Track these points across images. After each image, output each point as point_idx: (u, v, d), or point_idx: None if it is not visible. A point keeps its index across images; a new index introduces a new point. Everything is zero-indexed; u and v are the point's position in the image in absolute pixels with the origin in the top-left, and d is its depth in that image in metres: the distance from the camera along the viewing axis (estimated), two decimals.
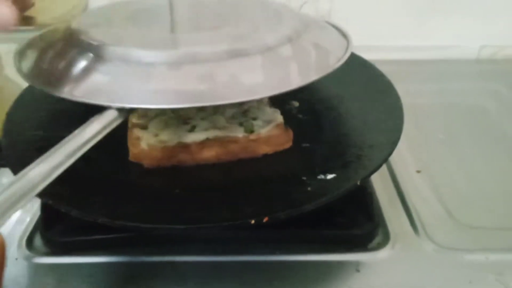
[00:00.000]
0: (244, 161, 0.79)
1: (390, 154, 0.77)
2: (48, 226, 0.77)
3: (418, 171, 0.95)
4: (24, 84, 1.11)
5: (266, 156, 0.80)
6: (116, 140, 0.87)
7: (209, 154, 0.83)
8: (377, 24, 1.38)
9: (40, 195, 0.70)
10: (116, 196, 0.73)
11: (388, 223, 0.81)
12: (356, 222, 0.78)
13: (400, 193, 0.89)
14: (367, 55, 1.16)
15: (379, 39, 1.38)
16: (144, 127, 0.89)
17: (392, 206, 0.86)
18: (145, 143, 0.81)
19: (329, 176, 0.75)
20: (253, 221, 0.65)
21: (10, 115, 0.90)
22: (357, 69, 1.08)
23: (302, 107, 1.01)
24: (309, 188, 0.72)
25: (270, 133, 0.85)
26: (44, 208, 0.70)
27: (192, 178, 0.80)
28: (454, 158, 0.85)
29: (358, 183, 0.71)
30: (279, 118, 0.91)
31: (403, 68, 1.27)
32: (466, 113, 1.03)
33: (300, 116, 0.98)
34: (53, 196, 0.62)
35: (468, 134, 0.96)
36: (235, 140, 0.84)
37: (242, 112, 0.93)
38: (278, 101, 1.01)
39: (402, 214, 0.84)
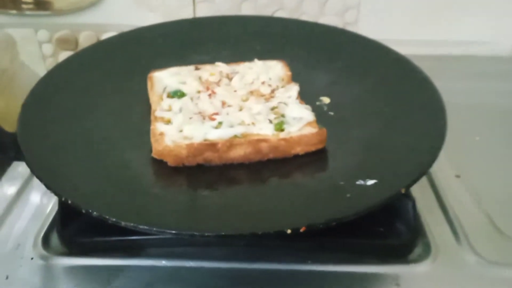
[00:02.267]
0: (274, 162, 0.72)
1: (434, 159, 0.70)
2: (66, 223, 0.70)
3: (458, 176, 0.88)
4: (41, 72, 1.05)
5: (297, 157, 0.72)
6: (139, 133, 0.80)
7: (237, 153, 0.76)
8: (406, 16, 1.30)
9: (58, 191, 0.64)
10: (140, 197, 0.66)
11: (429, 233, 0.74)
12: (394, 231, 0.71)
13: (440, 199, 0.81)
14: (398, 49, 1.08)
15: (409, 32, 1.29)
16: (168, 122, 0.82)
17: (432, 213, 0.78)
18: (169, 140, 0.75)
19: (370, 182, 0.68)
20: (289, 231, 0.58)
21: (26, 106, 0.84)
22: (391, 64, 1.00)
23: (334, 104, 0.94)
24: (348, 195, 0.65)
25: (302, 132, 0.78)
26: (61, 203, 0.63)
27: (220, 179, 0.73)
28: (492, 162, 0.78)
29: (403, 191, 0.64)
30: (311, 116, 0.84)
31: (432, 64, 1.18)
32: (500, 114, 0.96)
33: (332, 113, 0.90)
34: (73, 194, 0.56)
35: (504, 136, 0.88)
36: (264, 139, 0.77)
37: (271, 108, 0.86)
38: (307, 96, 0.94)
39: (443, 223, 0.77)
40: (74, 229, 0.66)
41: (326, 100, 0.95)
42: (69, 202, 0.61)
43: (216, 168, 0.71)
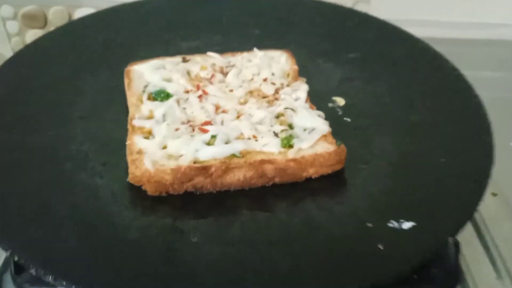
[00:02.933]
0: (280, 188, 0.56)
1: (484, 191, 0.55)
2: (20, 269, 0.56)
3: (494, 194, 0.74)
4: (6, 52, 0.90)
5: (309, 181, 0.56)
6: (112, 149, 0.65)
7: (234, 178, 0.61)
8: None
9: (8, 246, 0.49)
10: (105, 253, 0.51)
11: (468, 277, 0.60)
12: (430, 277, 0.56)
13: (479, 231, 0.67)
14: (417, 31, 0.91)
15: (429, 13, 1.13)
16: (148, 135, 0.66)
17: (471, 250, 0.64)
18: (149, 161, 0.59)
19: (406, 225, 0.53)
20: None
21: None
22: (417, 57, 0.84)
23: (349, 106, 0.78)
24: (380, 246, 0.50)
25: (315, 150, 0.62)
26: None
27: (213, 212, 0.58)
28: None
29: (450, 240, 0.49)
30: (325, 126, 0.68)
31: (459, 49, 1.01)
32: None
33: (348, 119, 0.75)
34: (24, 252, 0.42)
35: None
36: (269, 160, 0.61)
37: (276, 116, 0.70)
38: (318, 96, 0.77)
39: (484, 262, 0.63)
40: (30, 276, 0.51)
41: (340, 101, 0.79)
42: (21, 262, 0.47)
43: (208, 197, 0.56)
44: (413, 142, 0.68)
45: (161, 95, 0.74)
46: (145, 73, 0.78)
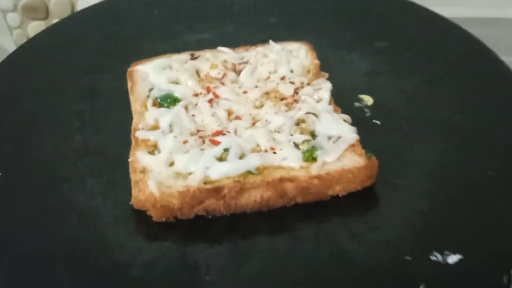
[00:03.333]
0: (303, 209, 0.47)
1: None
2: None
3: None
4: (9, 46, 0.85)
5: (336, 200, 0.47)
6: (113, 164, 0.58)
7: (251, 199, 0.54)
8: None
9: None
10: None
11: None
12: None
13: None
14: (450, 11, 0.82)
15: None
16: (153, 149, 0.58)
17: None
18: (154, 183, 0.51)
19: (451, 259, 0.45)
20: None
21: None
22: (457, 47, 0.75)
23: (379, 105, 0.69)
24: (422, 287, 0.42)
25: (342, 165, 0.55)
26: None
27: (228, 245, 0.51)
28: None
29: (505, 279, 0.41)
30: (353, 134, 0.59)
31: (494, 30, 0.91)
32: None
33: (378, 121, 0.66)
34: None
35: None
36: (290, 178, 0.54)
37: (296, 123, 0.62)
38: (342, 94, 0.69)
39: None
40: None
41: (368, 100, 0.71)
42: None
43: (221, 221, 0.49)
44: (456, 150, 0.59)
45: (168, 100, 0.66)
46: (149, 75, 0.70)
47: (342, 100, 0.68)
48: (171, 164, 0.57)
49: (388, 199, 0.55)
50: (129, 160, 0.58)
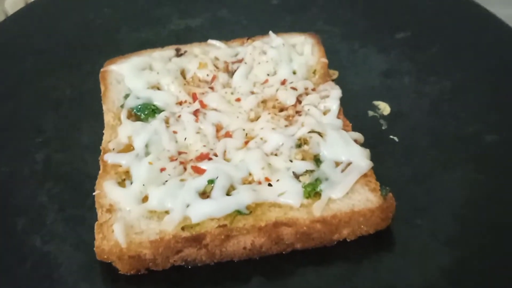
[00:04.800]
0: (303, 256, 0.38)
1: None
2: None
3: None
4: None
5: (344, 246, 0.48)
6: (77, 197, 0.49)
7: (239, 245, 0.45)
8: None
9: None
10: None
11: None
12: None
13: None
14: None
15: None
16: (124, 177, 0.49)
17: None
18: (120, 231, 0.43)
19: None
20: None
21: None
22: (491, 40, 0.64)
23: (397, 115, 0.60)
24: None
25: (352, 203, 0.45)
26: None
27: None
28: None
29: None
30: (365, 161, 0.49)
31: None
32: None
33: (395, 138, 0.57)
34: None
35: None
36: (287, 222, 0.44)
37: (297, 145, 0.51)
38: (354, 100, 0.59)
39: None
40: None
41: (384, 107, 0.61)
42: None
43: (203, 272, 0.42)
44: (489, 183, 0.49)
45: (145, 112, 0.56)
46: (125, 77, 0.60)
47: (353, 107, 0.58)
48: (144, 199, 0.48)
49: (405, 248, 0.46)
50: (94, 193, 0.48)
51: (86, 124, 0.59)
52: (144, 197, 0.48)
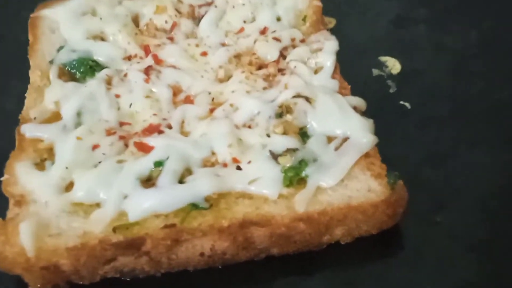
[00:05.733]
0: (280, 262, 0.26)
1: None
2: None
3: None
4: None
5: (335, 250, 0.37)
6: None
7: (193, 251, 0.33)
8: None
9: None
10: None
11: None
12: None
13: None
14: None
15: None
16: (44, 158, 0.37)
17: None
18: (28, 232, 0.31)
19: None
20: None
21: None
22: None
23: (410, 75, 0.47)
24: None
25: (347, 196, 0.33)
26: None
27: None
28: None
29: None
30: (367, 136, 0.38)
31: None
32: None
33: (406, 104, 0.46)
34: None
35: None
36: (260, 220, 0.33)
37: (278, 113, 0.39)
38: (355, 54, 0.46)
39: None
40: None
41: (393, 65, 0.51)
42: None
43: (147, 285, 0.27)
44: None
45: (81, 68, 0.44)
46: (61, 24, 0.48)
47: (354, 64, 0.49)
48: (69, 187, 0.36)
49: (418, 254, 0.37)
50: (2, 179, 0.36)
51: (8, 85, 0.47)
52: (68, 184, 0.36)
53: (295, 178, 0.37)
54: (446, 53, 0.49)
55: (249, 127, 0.41)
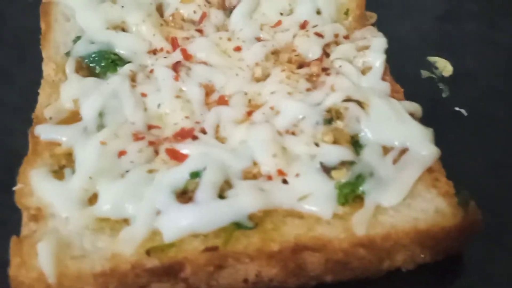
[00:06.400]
0: None
1: None
2: None
3: None
4: None
5: (396, 278, 0.33)
6: None
7: (237, 277, 0.30)
8: None
9: None
10: None
11: None
12: None
13: None
14: None
15: None
16: (62, 165, 0.33)
17: None
18: (48, 255, 0.28)
19: None
20: None
21: None
22: None
23: (463, 77, 0.43)
24: None
25: (412, 217, 0.29)
26: None
27: None
28: None
29: None
30: (429, 146, 0.34)
31: None
32: None
33: (462, 110, 0.42)
34: None
35: None
36: (314, 246, 0.29)
37: (326, 119, 0.35)
38: (401, 53, 0.42)
39: None
40: None
41: (444, 66, 0.47)
42: None
43: None
44: None
45: (102, 62, 0.40)
46: (77, 11, 0.43)
47: (400, 64, 0.44)
48: (92, 200, 0.31)
49: (485, 283, 0.32)
50: (14, 188, 0.32)
51: (18, 78, 0.43)
52: (91, 196, 0.32)
53: (351, 195, 0.33)
54: (501, 52, 0.45)
55: (293, 133, 0.37)
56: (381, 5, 0.49)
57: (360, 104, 0.37)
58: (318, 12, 0.46)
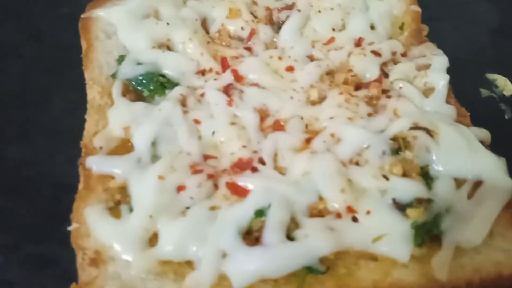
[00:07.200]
0: None
1: None
2: None
3: None
4: None
5: None
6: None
7: None
8: None
9: None
10: None
11: None
12: None
13: None
14: None
15: None
16: (117, 201, 0.31)
17: None
18: None
19: None
20: None
21: None
22: None
23: None
24: None
25: (495, 260, 0.27)
26: None
27: None
28: None
29: None
30: (504, 178, 0.32)
31: None
32: None
33: None
34: None
35: None
36: None
37: (393, 149, 0.33)
38: (459, 71, 0.39)
39: None
40: None
41: (504, 83, 0.44)
42: None
43: None
44: None
45: (150, 85, 0.38)
46: (119, 28, 0.41)
47: (456, 82, 0.40)
48: (153, 240, 0.30)
49: None
50: (70, 228, 0.30)
51: (59, 100, 0.40)
52: (150, 236, 0.30)
53: (426, 236, 0.31)
54: None
55: (357, 163, 0.35)
56: (431, 16, 0.47)
57: (428, 131, 0.36)
58: (372, 27, 0.44)
